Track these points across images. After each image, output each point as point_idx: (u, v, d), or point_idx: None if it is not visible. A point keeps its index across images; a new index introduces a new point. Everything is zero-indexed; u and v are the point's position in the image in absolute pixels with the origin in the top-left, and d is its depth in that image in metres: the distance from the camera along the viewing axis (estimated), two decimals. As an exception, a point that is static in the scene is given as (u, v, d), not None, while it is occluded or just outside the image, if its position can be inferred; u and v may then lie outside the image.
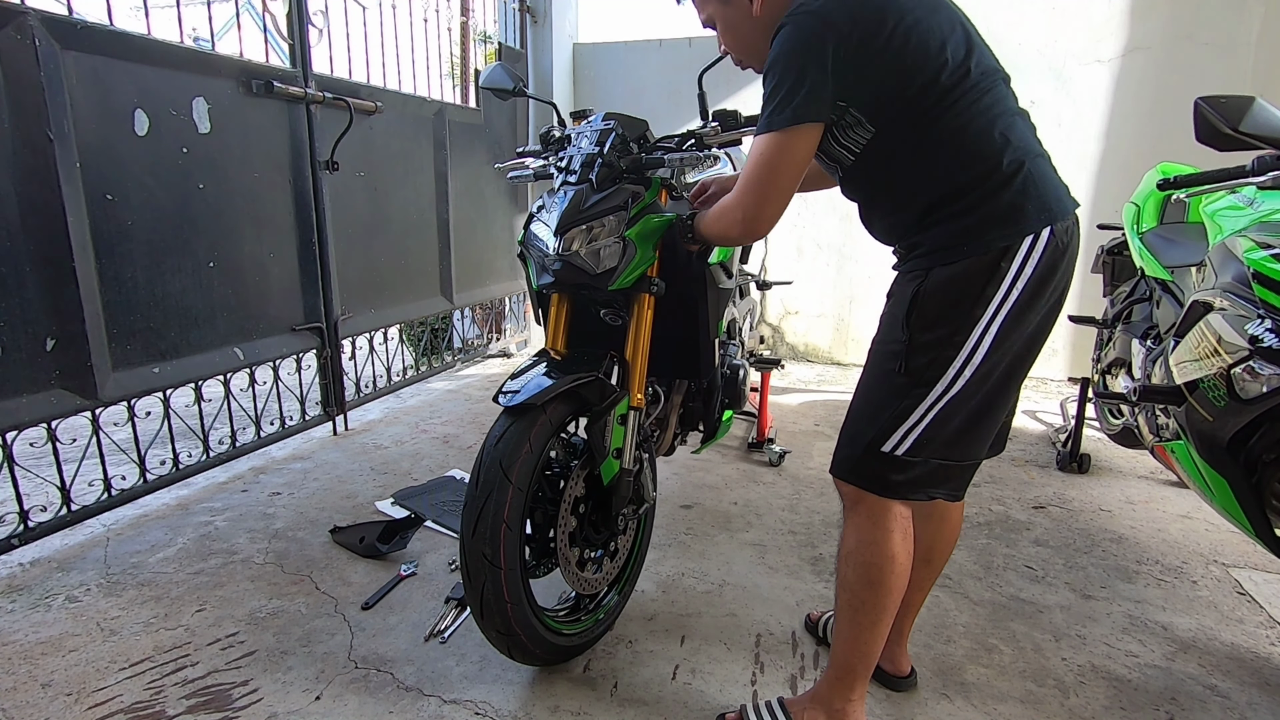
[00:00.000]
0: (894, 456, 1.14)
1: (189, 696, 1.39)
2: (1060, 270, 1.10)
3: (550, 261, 1.43)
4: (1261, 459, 1.29)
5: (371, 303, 3.05)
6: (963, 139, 1.08)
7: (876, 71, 1.07)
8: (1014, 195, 1.06)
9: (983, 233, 1.07)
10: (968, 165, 1.08)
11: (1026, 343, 1.12)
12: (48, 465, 1.96)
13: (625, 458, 1.44)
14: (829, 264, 4.08)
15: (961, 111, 1.07)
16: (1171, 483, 2.51)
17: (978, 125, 1.08)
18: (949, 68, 1.07)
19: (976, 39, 1.13)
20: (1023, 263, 1.06)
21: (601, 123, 1.49)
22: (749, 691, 1.43)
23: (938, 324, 1.10)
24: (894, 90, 1.08)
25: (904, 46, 1.06)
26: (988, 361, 1.08)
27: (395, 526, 1.96)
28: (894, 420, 1.13)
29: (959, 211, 1.08)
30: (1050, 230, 1.06)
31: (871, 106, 1.11)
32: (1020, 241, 1.06)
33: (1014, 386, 1.17)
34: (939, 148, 1.09)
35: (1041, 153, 1.12)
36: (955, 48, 1.08)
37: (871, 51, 1.06)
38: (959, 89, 1.07)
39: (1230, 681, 1.48)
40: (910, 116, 1.09)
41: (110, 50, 1.93)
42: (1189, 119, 1.30)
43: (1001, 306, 1.07)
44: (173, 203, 2.13)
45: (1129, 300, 2.31)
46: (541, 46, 4.08)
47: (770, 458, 2.64)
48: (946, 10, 1.12)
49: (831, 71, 1.06)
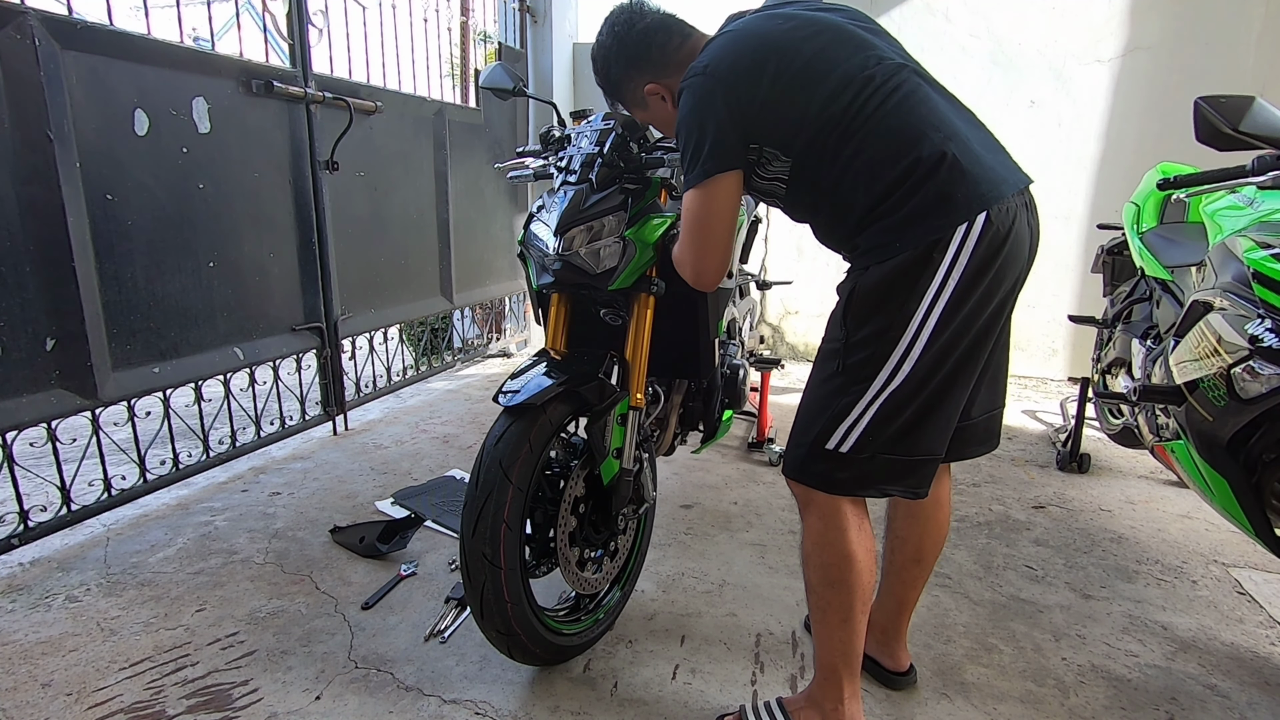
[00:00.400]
0: (838, 454, 1.13)
1: (189, 696, 1.39)
2: (1004, 254, 1.07)
3: (550, 261, 1.43)
4: (1261, 459, 1.29)
5: (371, 303, 3.05)
6: (879, 143, 1.09)
7: (770, 112, 1.13)
8: (940, 185, 1.05)
9: (912, 227, 1.06)
10: (889, 166, 1.08)
11: (977, 334, 1.10)
12: (48, 465, 1.96)
13: (625, 458, 1.44)
14: (829, 264, 4.08)
15: (870, 118, 1.09)
16: (1171, 483, 2.51)
17: (891, 125, 1.08)
18: (847, 86, 1.10)
19: (876, 39, 1.17)
20: (956, 253, 1.04)
21: (601, 123, 1.49)
22: (749, 691, 1.43)
23: (872, 320, 1.10)
24: (794, 124, 1.13)
25: (791, 86, 1.12)
26: (928, 355, 1.07)
27: (395, 526, 1.96)
28: (835, 418, 1.13)
29: (888, 210, 1.08)
30: (985, 215, 1.04)
31: (780, 142, 1.16)
32: (951, 232, 1.04)
33: (966, 379, 1.14)
34: (857, 158, 1.10)
35: (969, 134, 1.10)
36: (849, 63, 1.11)
37: (758, 97, 1.12)
38: (862, 99, 1.09)
39: (1230, 681, 1.48)
40: (820, 141, 1.12)
41: (110, 50, 1.93)
42: (1189, 119, 1.30)
43: (937, 300, 1.06)
44: (173, 202, 2.13)
45: (1129, 300, 2.31)
46: (541, 46, 4.08)
47: (770, 457, 2.64)
48: (834, 29, 1.16)
49: (729, 120, 1.13)
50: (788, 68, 1.12)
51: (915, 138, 1.07)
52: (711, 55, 1.17)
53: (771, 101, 1.12)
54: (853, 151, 1.10)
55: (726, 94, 1.13)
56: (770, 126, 1.14)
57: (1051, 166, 3.61)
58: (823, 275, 4.10)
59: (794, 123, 1.13)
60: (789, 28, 1.16)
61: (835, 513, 1.17)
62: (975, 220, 1.04)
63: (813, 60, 1.12)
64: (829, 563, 1.18)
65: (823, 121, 1.11)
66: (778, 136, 1.15)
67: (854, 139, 1.10)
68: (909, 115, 1.09)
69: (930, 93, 1.13)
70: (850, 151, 1.10)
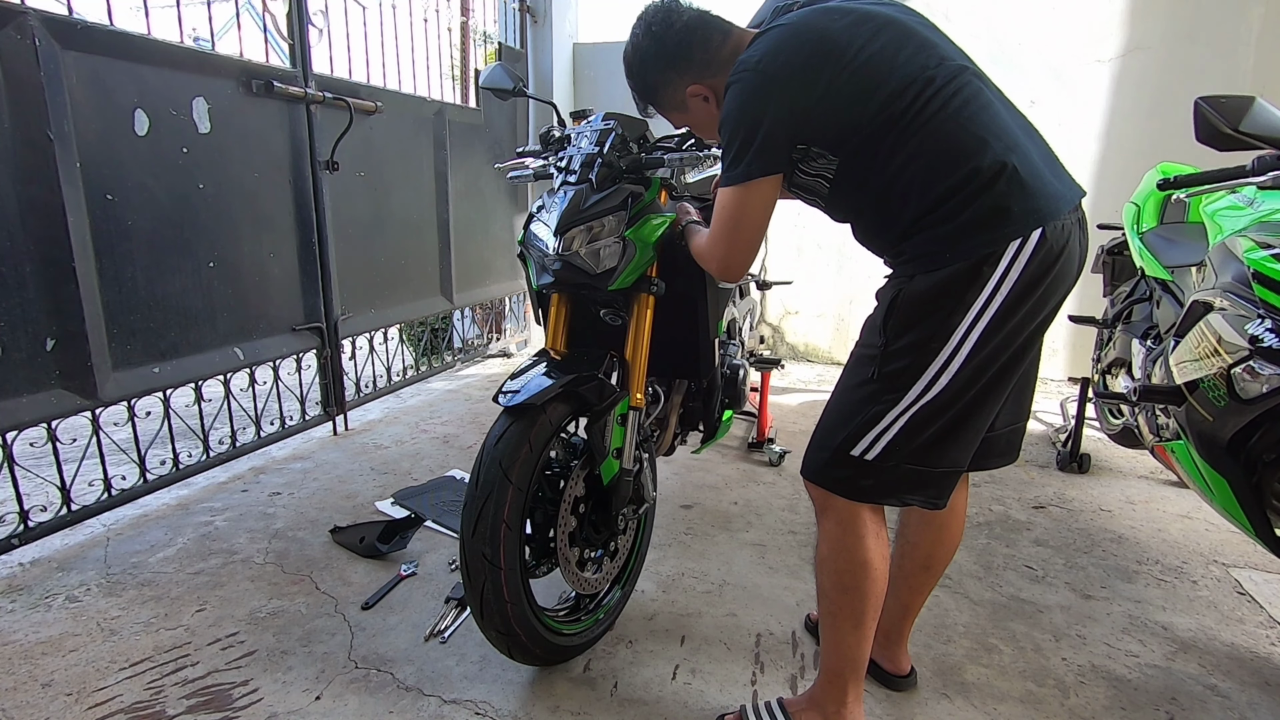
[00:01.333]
0: (863, 460, 1.12)
1: (189, 696, 1.39)
2: (1054, 272, 1.04)
3: (550, 261, 1.43)
4: (1261, 459, 1.29)
5: (371, 303, 3.05)
6: (937, 149, 1.05)
7: (824, 113, 1.09)
8: (997, 197, 1.01)
9: (965, 239, 1.03)
10: (945, 174, 1.04)
11: (1017, 349, 1.08)
12: (48, 465, 1.96)
13: (625, 458, 1.44)
14: (829, 264, 4.08)
15: (929, 122, 1.05)
16: (1171, 483, 2.51)
17: (949, 130, 1.05)
18: (908, 88, 1.05)
19: (936, 37, 1.12)
20: (1007, 268, 1.02)
21: (601, 123, 1.49)
22: (749, 691, 1.43)
23: (914, 330, 1.07)
24: (849, 125, 1.09)
25: (850, 86, 1.07)
26: (966, 369, 1.05)
27: (395, 526, 1.96)
28: (865, 425, 1.11)
29: (940, 219, 1.05)
30: (1041, 232, 1.01)
31: (831, 142, 1.12)
32: (1005, 246, 1.01)
33: (999, 394, 1.12)
34: (912, 163, 1.06)
35: (1029, 146, 1.08)
36: (910, 64, 1.07)
37: (813, 96, 1.07)
38: (921, 101, 1.05)
39: (1230, 681, 1.48)
40: (874, 142, 1.08)
41: (110, 50, 1.93)
42: (1189, 119, 1.30)
43: (983, 314, 1.03)
44: (173, 202, 2.13)
45: (1129, 300, 2.31)
46: (541, 46, 4.08)
47: (770, 458, 2.64)
48: (894, 25, 1.10)
49: (780, 120, 1.08)
50: (846, 66, 1.06)
51: (976, 146, 1.03)
52: (764, 51, 1.10)
53: (827, 102, 1.07)
54: (908, 156, 1.06)
55: (780, 92, 1.07)
56: (823, 127, 1.10)
57: (1051, 166, 3.61)
58: (822, 275, 4.10)
59: (849, 124, 1.08)
60: (847, 23, 1.10)
61: (854, 519, 1.16)
62: (1030, 236, 1.01)
63: (873, 59, 1.07)
64: (844, 569, 1.16)
65: (879, 123, 1.07)
66: (830, 137, 1.11)
67: (910, 143, 1.06)
68: (969, 121, 1.05)
69: (991, 98, 1.09)
70: (905, 155, 1.06)
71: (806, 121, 1.10)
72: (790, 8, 1.18)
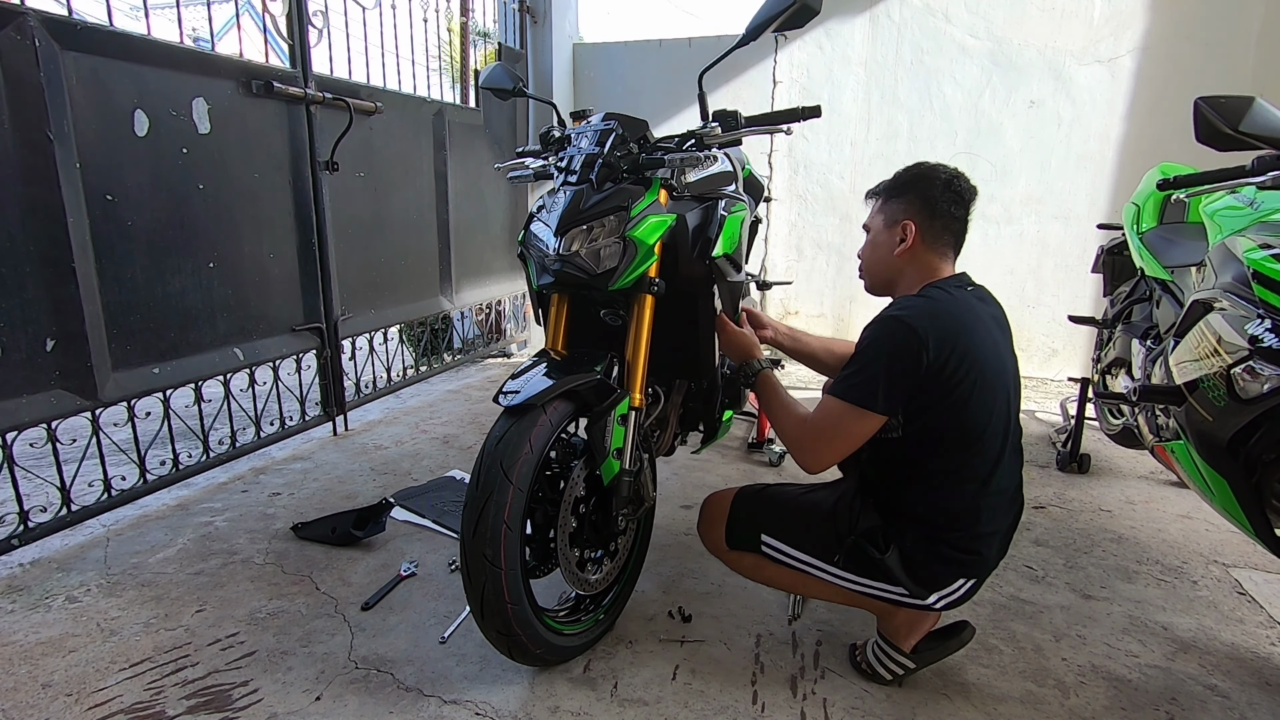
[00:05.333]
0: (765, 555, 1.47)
1: (189, 697, 1.39)
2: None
3: (550, 261, 1.42)
4: (1261, 459, 1.28)
5: (371, 303, 3.05)
6: (964, 494, 1.30)
7: (929, 398, 1.25)
8: (965, 565, 1.33)
9: (937, 566, 1.33)
10: (955, 515, 1.31)
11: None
12: (48, 465, 1.96)
13: (625, 458, 1.44)
14: (829, 264, 4.08)
15: (974, 477, 1.29)
16: (1171, 483, 2.51)
17: (974, 491, 1.30)
18: (987, 439, 1.28)
19: (1014, 406, 1.33)
20: (951, 592, 1.35)
21: (601, 123, 1.49)
22: (749, 691, 1.43)
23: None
24: (937, 425, 1.27)
25: (962, 393, 1.25)
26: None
27: (367, 514, 1.97)
28: (799, 549, 1.45)
29: (932, 533, 1.32)
30: (974, 582, 1.37)
31: (915, 424, 1.29)
32: (955, 581, 1.35)
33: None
34: (942, 487, 1.31)
35: (1005, 523, 1.36)
36: (998, 422, 1.28)
37: (934, 379, 1.24)
38: (981, 458, 1.28)
39: (1230, 681, 1.48)
40: (939, 451, 1.29)
41: (110, 50, 1.93)
42: (1189, 119, 1.30)
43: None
44: (173, 203, 2.13)
45: (1129, 300, 2.31)
46: (541, 46, 4.08)
47: (770, 458, 2.64)
48: (1003, 378, 1.29)
49: (905, 383, 1.25)
50: (971, 385, 1.25)
51: (983, 527, 1.32)
52: (920, 314, 1.26)
53: (937, 394, 1.25)
54: (948, 482, 1.30)
55: (916, 357, 1.23)
56: (921, 409, 1.27)
57: (1051, 166, 3.62)
58: (822, 275, 4.11)
59: (938, 424, 1.27)
60: (983, 332, 1.28)
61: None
62: (968, 583, 1.36)
63: (985, 398, 1.26)
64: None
65: (951, 442, 1.28)
66: (919, 421, 1.29)
67: (956, 475, 1.30)
68: (992, 495, 1.31)
69: (1006, 484, 1.33)
70: (946, 480, 1.30)
71: (918, 390, 1.26)
72: (937, 284, 1.35)
